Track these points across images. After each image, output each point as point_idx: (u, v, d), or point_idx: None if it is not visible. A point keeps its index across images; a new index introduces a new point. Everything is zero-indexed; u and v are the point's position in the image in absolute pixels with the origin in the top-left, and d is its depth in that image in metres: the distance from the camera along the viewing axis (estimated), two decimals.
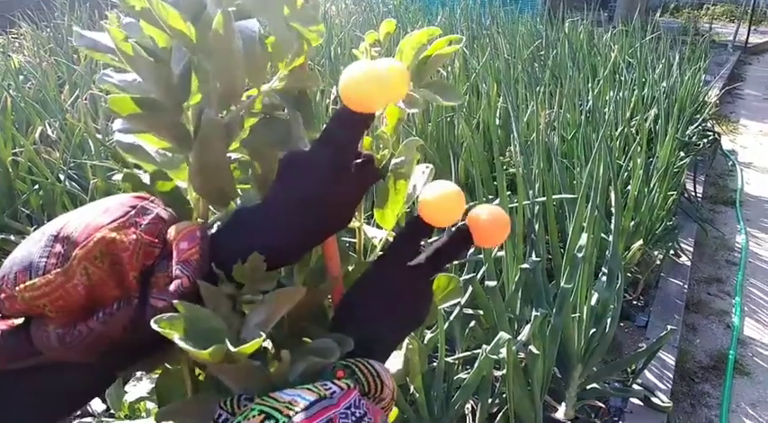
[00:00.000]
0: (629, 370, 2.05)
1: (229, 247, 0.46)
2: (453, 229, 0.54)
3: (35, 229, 0.46)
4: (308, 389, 0.41)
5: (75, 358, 0.42)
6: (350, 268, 0.67)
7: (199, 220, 0.54)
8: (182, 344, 0.38)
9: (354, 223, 0.71)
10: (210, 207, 0.54)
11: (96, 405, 1.74)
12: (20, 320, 0.44)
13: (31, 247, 0.42)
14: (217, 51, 0.44)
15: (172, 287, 0.43)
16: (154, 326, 0.39)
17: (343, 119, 0.46)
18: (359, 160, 0.48)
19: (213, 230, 0.50)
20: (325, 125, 0.48)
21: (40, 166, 2.18)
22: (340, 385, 0.43)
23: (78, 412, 1.75)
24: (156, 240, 0.45)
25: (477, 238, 0.53)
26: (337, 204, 0.48)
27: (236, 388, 0.45)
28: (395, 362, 0.69)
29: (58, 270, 0.41)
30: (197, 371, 0.55)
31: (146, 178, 0.52)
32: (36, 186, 2.20)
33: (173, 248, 0.45)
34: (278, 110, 0.53)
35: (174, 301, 0.42)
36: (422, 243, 0.54)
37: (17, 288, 0.41)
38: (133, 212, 0.45)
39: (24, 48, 4.40)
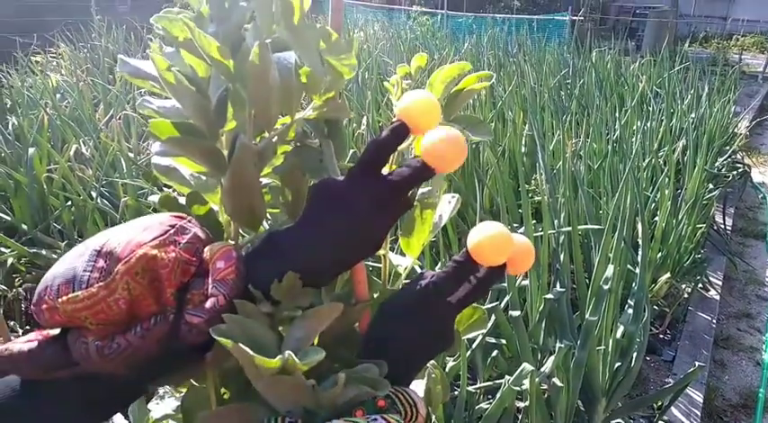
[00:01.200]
0: (655, 406, 2.00)
1: (262, 269, 0.47)
2: None
3: (66, 245, 0.47)
4: None
5: (111, 370, 0.43)
6: (375, 295, 0.67)
7: (230, 241, 0.55)
8: (247, 352, 0.39)
9: (380, 250, 0.71)
10: (240, 230, 0.55)
11: (119, 422, 1.75)
12: (55, 331, 0.46)
13: (75, 260, 0.44)
14: (253, 81, 0.46)
15: (208, 304, 0.44)
16: (213, 334, 0.41)
17: (419, 171, 0.49)
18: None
19: (244, 252, 0.51)
20: (363, 157, 0.49)
21: (73, 183, 2.24)
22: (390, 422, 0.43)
23: None
24: (194, 258, 0.46)
25: (508, 267, 0.54)
26: (372, 233, 0.49)
27: (281, 405, 0.45)
28: (417, 390, 0.68)
29: (101, 284, 0.42)
30: (222, 390, 0.55)
31: (182, 200, 0.53)
32: (69, 203, 2.25)
33: (209, 267, 0.46)
34: (309, 138, 0.54)
35: (224, 315, 0.43)
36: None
37: (59, 300, 0.42)
38: (173, 231, 0.46)
39: (62, 67, 4.54)
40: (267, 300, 0.46)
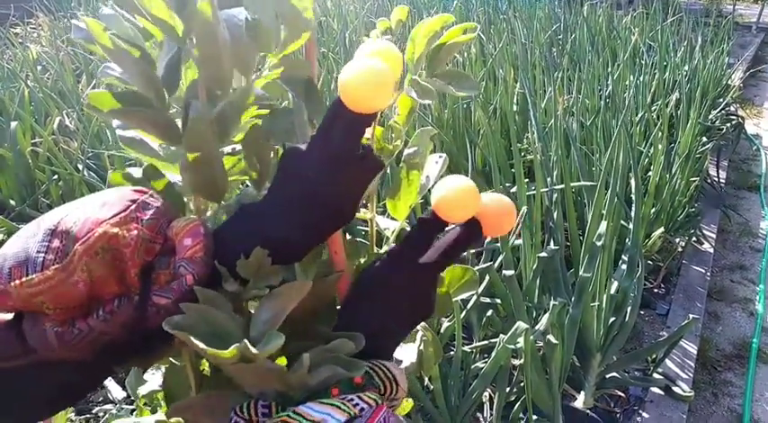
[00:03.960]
0: (649, 359, 2.02)
1: (233, 245, 0.45)
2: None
3: None
4: (337, 407, 0.40)
5: (73, 357, 0.41)
6: (362, 261, 0.65)
7: (192, 216, 0.53)
8: (199, 345, 0.37)
9: (367, 214, 0.69)
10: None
11: (116, 392, 1.76)
12: (8, 316, 0.43)
13: (27, 241, 0.40)
14: (202, 41, 0.42)
15: (175, 285, 0.42)
16: (166, 327, 0.38)
17: (342, 118, 0.44)
18: (359, 152, 0.46)
19: (211, 225, 0.49)
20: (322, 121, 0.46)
21: (58, 156, 2.20)
22: (368, 402, 0.42)
23: (101, 399, 1.78)
24: (158, 236, 0.44)
25: (485, 228, 0.51)
26: (339, 200, 0.47)
27: (252, 390, 0.44)
28: (408, 355, 0.67)
29: (57, 266, 0.39)
30: (203, 365, 0.54)
31: (137, 173, 0.50)
32: (55, 176, 2.22)
33: (175, 245, 0.43)
34: (271, 100, 0.51)
35: (182, 304, 0.41)
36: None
37: (12, 284, 0.39)
38: (134, 207, 0.43)
39: (42, 38, 4.43)
40: (235, 278, 0.44)
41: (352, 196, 0.47)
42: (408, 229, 0.56)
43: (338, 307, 0.57)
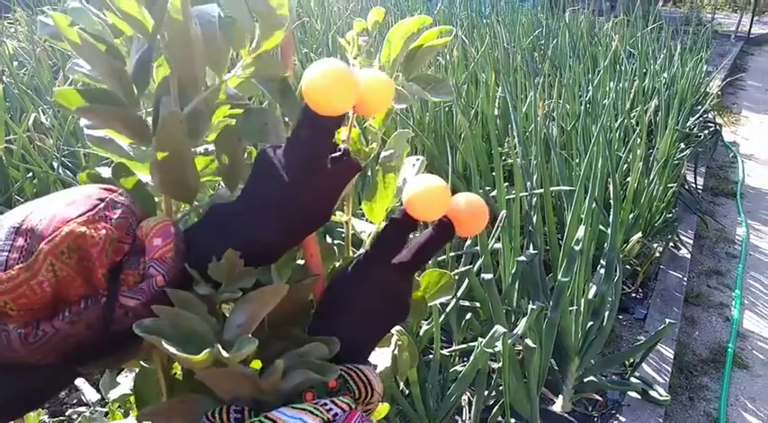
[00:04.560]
0: (627, 363, 2.04)
1: (204, 246, 0.44)
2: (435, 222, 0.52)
3: None
4: (310, 411, 0.40)
5: (37, 359, 0.40)
6: (337, 264, 0.65)
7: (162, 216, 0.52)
8: (170, 349, 0.36)
9: (343, 217, 0.69)
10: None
11: (90, 395, 1.73)
12: None
13: None
14: (173, 38, 0.41)
15: (145, 286, 0.41)
16: (136, 331, 0.37)
17: (308, 120, 0.44)
18: (334, 155, 0.45)
19: (183, 227, 0.48)
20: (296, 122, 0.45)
21: (33, 153, 2.16)
22: (342, 406, 0.41)
23: (75, 401, 1.75)
24: (127, 236, 0.42)
25: (458, 228, 0.51)
26: (313, 202, 0.45)
27: (224, 395, 0.43)
28: (383, 359, 0.67)
29: (22, 265, 0.38)
30: (175, 369, 0.53)
31: (106, 173, 0.49)
32: (30, 174, 2.18)
33: (145, 245, 0.42)
34: (242, 100, 0.50)
35: (154, 307, 0.39)
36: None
37: None
38: (102, 205, 0.42)
39: (19, 33, 4.35)
40: (207, 281, 0.43)
41: (327, 199, 0.46)
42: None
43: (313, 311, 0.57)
